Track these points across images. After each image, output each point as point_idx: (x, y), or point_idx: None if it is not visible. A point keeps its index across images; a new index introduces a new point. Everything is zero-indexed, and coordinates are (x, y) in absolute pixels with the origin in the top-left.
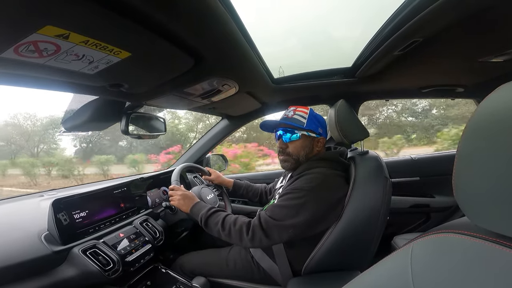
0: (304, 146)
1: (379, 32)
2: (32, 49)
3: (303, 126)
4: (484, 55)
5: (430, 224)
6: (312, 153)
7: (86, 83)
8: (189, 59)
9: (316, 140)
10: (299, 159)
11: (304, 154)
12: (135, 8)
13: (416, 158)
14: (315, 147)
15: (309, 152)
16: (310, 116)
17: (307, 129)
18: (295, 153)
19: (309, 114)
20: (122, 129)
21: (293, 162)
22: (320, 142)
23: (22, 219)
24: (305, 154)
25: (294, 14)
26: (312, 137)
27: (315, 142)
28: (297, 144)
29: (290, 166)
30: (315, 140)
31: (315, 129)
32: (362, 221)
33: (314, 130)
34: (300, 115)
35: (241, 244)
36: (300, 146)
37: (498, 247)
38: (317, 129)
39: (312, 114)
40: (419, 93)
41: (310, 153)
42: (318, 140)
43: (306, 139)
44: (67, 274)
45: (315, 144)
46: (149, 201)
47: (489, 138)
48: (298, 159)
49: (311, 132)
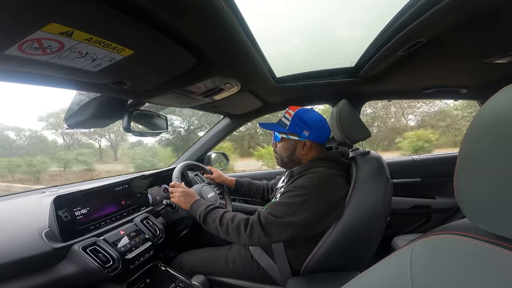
0: (286, 148)
1: (382, 32)
2: (36, 46)
3: (285, 129)
4: (488, 56)
5: (431, 225)
6: (294, 155)
7: (89, 81)
8: (191, 58)
9: (302, 143)
10: (283, 159)
11: (287, 156)
12: (139, 6)
13: (417, 159)
14: (300, 149)
15: (291, 154)
16: (294, 118)
17: (287, 132)
18: (279, 153)
19: (293, 116)
20: (124, 126)
21: (280, 160)
22: (306, 145)
23: (23, 216)
24: (287, 155)
25: (298, 14)
26: (294, 140)
27: (300, 144)
28: (280, 145)
29: (278, 163)
30: (299, 142)
31: (297, 132)
32: (363, 221)
33: (296, 133)
34: (286, 118)
35: (239, 241)
36: (282, 148)
37: (498, 248)
38: (301, 132)
39: (298, 116)
40: (422, 94)
41: (292, 155)
42: (304, 143)
43: (287, 142)
44: (67, 271)
45: (299, 146)
46: (150, 199)
47: (492, 139)
48: (282, 159)
49: (291, 135)
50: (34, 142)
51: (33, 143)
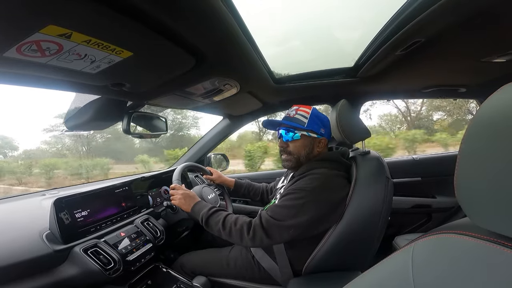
0: (305, 146)
1: (381, 32)
2: (34, 48)
3: (304, 126)
4: (487, 55)
5: (432, 224)
6: (312, 153)
7: (88, 83)
8: (191, 59)
9: (318, 141)
10: (300, 158)
11: (305, 154)
12: (137, 7)
13: (418, 158)
14: (316, 147)
15: (310, 152)
16: (312, 116)
17: (307, 129)
18: (295, 153)
19: (311, 114)
20: (124, 128)
21: (294, 161)
22: (322, 142)
23: (24, 218)
24: (305, 154)
25: (296, 15)
26: (312, 137)
27: (316, 142)
28: (297, 143)
29: (291, 165)
30: (316, 140)
31: (316, 129)
32: (363, 221)
33: (315, 131)
34: (302, 115)
35: (242, 244)
36: (301, 146)
37: (499, 247)
38: (319, 130)
39: (314, 114)
40: (421, 93)
41: (311, 153)
42: (320, 141)
43: (306, 139)
44: (68, 273)
45: (315, 144)
46: (150, 201)
47: (491, 138)
48: (299, 159)
49: (311, 132)
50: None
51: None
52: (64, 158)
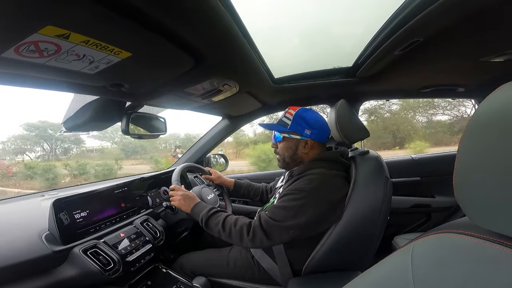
0: (288, 147)
1: (379, 32)
2: (32, 49)
3: (287, 128)
4: (485, 55)
5: (431, 224)
6: (297, 155)
7: (86, 83)
8: (189, 59)
9: (303, 142)
10: (285, 159)
11: (289, 155)
12: (135, 8)
13: (416, 158)
14: (301, 148)
15: (294, 154)
16: (295, 117)
17: (289, 131)
18: (281, 153)
19: (294, 115)
20: (123, 128)
21: (281, 161)
22: (308, 143)
23: (23, 219)
24: (289, 155)
25: (295, 15)
26: (296, 139)
27: (302, 144)
28: (282, 145)
29: (280, 165)
30: (302, 141)
31: (299, 130)
32: (363, 221)
33: (298, 132)
34: (287, 117)
35: (242, 245)
36: (284, 148)
37: (498, 247)
38: (303, 131)
39: (299, 115)
40: (419, 93)
41: (295, 155)
42: (306, 142)
43: (289, 141)
44: (67, 274)
45: (301, 146)
46: (149, 201)
47: (489, 137)
48: (285, 159)
49: (293, 134)
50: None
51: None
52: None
